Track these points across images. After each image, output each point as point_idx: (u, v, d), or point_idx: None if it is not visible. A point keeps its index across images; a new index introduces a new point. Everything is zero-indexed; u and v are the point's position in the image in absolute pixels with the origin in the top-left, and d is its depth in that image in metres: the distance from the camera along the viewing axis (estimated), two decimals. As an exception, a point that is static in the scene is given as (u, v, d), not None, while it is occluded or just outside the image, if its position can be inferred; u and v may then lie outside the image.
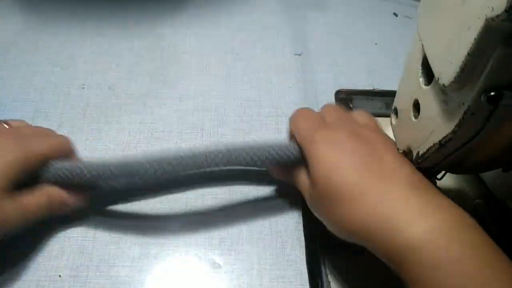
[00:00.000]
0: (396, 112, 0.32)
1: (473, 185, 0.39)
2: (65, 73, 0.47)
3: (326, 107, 0.37)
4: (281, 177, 0.37)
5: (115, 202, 0.37)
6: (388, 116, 0.34)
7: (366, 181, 0.27)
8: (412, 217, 0.25)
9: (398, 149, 0.31)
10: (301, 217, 0.37)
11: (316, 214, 0.31)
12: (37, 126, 0.38)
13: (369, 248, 0.27)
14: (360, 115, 0.35)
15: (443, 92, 0.23)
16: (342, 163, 0.29)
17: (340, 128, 0.32)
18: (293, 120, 0.35)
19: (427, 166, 0.28)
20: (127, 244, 0.35)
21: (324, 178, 0.29)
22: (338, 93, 0.47)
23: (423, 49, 0.25)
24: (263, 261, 0.35)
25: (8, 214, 0.29)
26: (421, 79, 0.26)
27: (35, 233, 0.34)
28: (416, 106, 0.28)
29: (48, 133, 0.37)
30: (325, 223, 0.30)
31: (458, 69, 0.20)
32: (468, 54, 0.19)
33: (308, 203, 0.32)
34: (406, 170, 0.28)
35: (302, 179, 0.33)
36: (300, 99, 0.46)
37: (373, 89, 0.48)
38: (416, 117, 0.28)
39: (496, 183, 0.38)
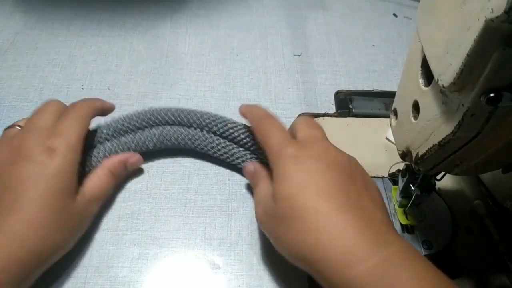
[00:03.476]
0: (395, 113, 0.32)
1: (472, 186, 0.39)
2: (64, 74, 0.47)
3: (298, 120, 0.35)
4: (249, 176, 0.36)
5: (114, 202, 0.37)
6: (388, 117, 0.34)
7: (330, 210, 0.26)
8: (366, 252, 0.25)
9: (397, 150, 0.31)
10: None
11: (264, 229, 0.31)
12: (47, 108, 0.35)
13: (315, 277, 0.26)
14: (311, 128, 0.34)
15: (443, 93, 0.23)
16: (310, 187, 0.27)
17: (312, 148, 0.30)
18: (263, 128, 0.33)
19: (426, 167, 0.28)
20: (126, 245, 0.35)
21: (288, 197, 0.28)
22: (337, 93, 0.47)
23: (422, 50, 0.25)
24: (263, 262, 0.35)
25: (83, 215, 0.32)
26: (421, 80, 0.26)
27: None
28: (416, 107, 0.27)
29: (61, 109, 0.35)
30: (273, 241, 0.30)
31: (457, 70, 0.20)
32: (468, 55, 0.19)
33: (260, 215, 0.31)
34: (365, 203, 0.28)
35: (263, 189, 0.32)
36: (299, 99, 0.46)
37: (373, 90, 0.48)
38: (415, 118, 0.28)
39: (495, 184, 0.38)
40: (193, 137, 0.38)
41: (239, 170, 0.39)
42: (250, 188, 0.39)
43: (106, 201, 0.36)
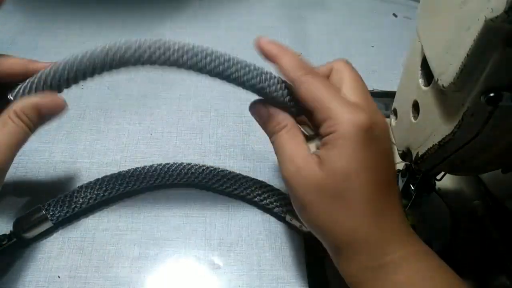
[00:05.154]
0: (395, 113, 0.32)
1: (472, 185, 0.39)
2: (64, 74, 0.47)
3: (348, 74, 0.31)
4: (263, 119, 0.30)
5: (114, 203, 0.37)
6: (388, 117, 0.34)
7: (377, 202, 0.26)
8: (397, 243, 0.26)
9: (397, 149, 0.31)
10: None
11: (292, 190, 0.27)
12: None
13: (333, 255, 0.27)
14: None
15: (443, 93, 0.23)
16: (369, 171, 0.26)
17: (380, 123, 0.27)
18: (306, 83, 0.28)
19: (426, 167, 0.28)
20: (126, 245, 0.35)
21: (345, 174, 0.26)
22: (337, 93, 0.47)
23: (422, 50, 0.25)
24: (263, 262, 0.35)
25: None
26: (421, 80, 0.26)
27: (34, 234, 0.34)
28: (416, 107, 0.27)
29: None
30: (301, 206, 0.27)
31: (457, 70, 0.20)
32: (468, 55, 0.19)
33: (292, 176, 0.27)
34: (398, 201, 0.28)
35: (298, 146, 0.28)
36: (299, 99, 0.46)
37: (373, 90, 0.48)
38: (415, 118, 0.28)
39: (495, 184, 0.38)
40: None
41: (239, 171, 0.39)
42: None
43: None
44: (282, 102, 0.30)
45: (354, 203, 0.26)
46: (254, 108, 0.31)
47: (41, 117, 0.29)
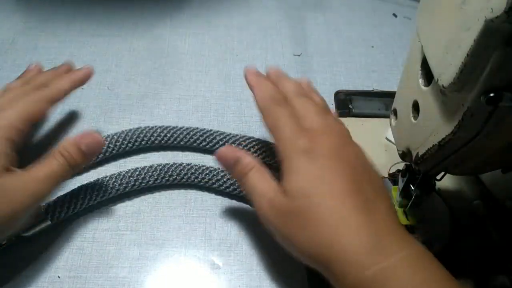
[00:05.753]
0: (395, 113, 0.32)
1: (472, 186, 0.39)
2: (64, 74, 0.47)
3: (306, 105, 0.32)
4: (226, 162, 0.32)
5: (114, 203, 0.37)
6: (388, 117, 0.34)
7: (346, 210, 0.26)
8: (379, 255, 0.24)
9: (397, 149, 0.31)
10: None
11: (270, 225, 0.29)
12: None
13: (326, 275, 0.26)
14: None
15: (443, 93, 0.23)
16: (325, 185, 0.27)
17: (325, 142, 0.29)
18: (272, 117, 0.31)
19: (426, 167, 0.28)
20: (126, 245, 0.35)
21: (304, 193, 0.27)
22: (337, 93, 0.47)
23: (422, 50, 0.25)
24: (263, 262, 0.35)
25: (11, 195, 0.28)
26: (421, 80, 0.26)
27: (34, 234, 0.34)
28: (416, 107, 0.27)
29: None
30: (281, 238, 0.28)
31: (457, 70, 0.20)
32: (468, 55, 0.19)
33: (265, 211, 0.29)
34: (384, 203, 0.27)
35: (265, 181, 0.29)
36: (299, 99, 0.46)
37: (373, 90, 0.48)
38: (415, 118, 0.28)
39: (495, 184, 0.38)
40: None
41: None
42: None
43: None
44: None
45: (322, 218, 0.26)
46: (220, 154, 0.32)
47: (81, 153, 0.32)
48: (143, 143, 0.39)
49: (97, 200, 0.35)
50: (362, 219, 0.26)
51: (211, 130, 0.40)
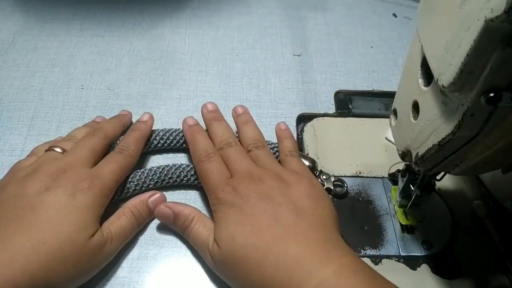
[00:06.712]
0: (395, 113, 0.32)
1: (472, 186, 0.39)
2: (64, 74, 0.47)
3: (232, 154, 0.35)
4: (170, 219, 0.34)
5: (113, 203, 0.37)
6: (387, 117, 0.34)
7: (267, 243, 0.28)
8: (310, 274, 0.26)
9: (397, 150, 0.31)
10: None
11: (219, 274, 0.32)
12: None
13: None
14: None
15: (443, 93, 0.23)
16: (245, 227, 0.29)
17: (243, 189, 0.31)
18: (201, 173, 0.35)
19: (426, 167, 0.28)
20: (125, 245, 0.35)
21: (229, 239, 0.29)
22: (337, 93, 0.47)
23: (422, 50, 0.25)
24: (262, 262, 0.34)
25: (96, 253, 0.30)
26: (421, 80, 0.26)
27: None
28: (416, 107, 0.27)
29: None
30: (230, 283, 0.31)
31: (457, 70, 0.20)
32: (468, 55, 0.19)
33: (210, 263, 0.32)
34: (301, 226, 0.29)
35: (203, 235, 0.32)
36: (299, 99, 0.46)
37: (372, 90, 0.48)
38: (415, 118, 0.28)
39: (495, 184, 0.38)
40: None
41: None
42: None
43: (128, 242, 0.35)
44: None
45: (249, 259, 0.28)
46: (158, 213, 0.35)
47: (149, 212, 0.35)
48: (145, 147, 0.39)
49: None
50: (288, 245, 0.28)
51: None
